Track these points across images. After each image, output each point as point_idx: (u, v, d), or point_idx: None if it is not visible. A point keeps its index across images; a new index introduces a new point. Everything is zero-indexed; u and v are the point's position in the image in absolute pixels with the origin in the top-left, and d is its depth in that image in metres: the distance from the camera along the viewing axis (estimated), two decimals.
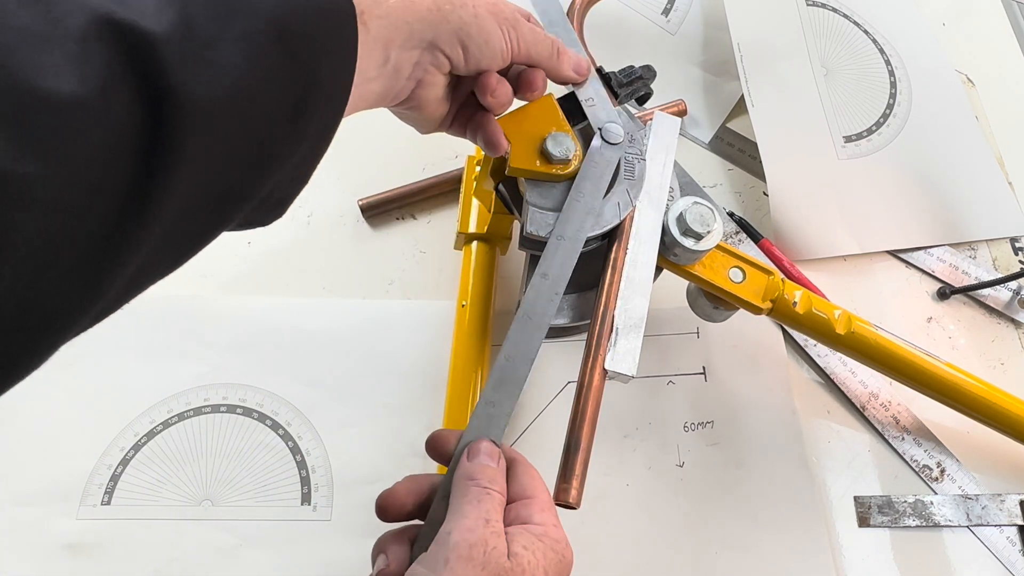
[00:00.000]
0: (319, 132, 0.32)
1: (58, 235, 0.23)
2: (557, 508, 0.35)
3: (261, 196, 0.31)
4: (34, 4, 0.23)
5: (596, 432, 0.39)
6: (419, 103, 0.39)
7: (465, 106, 0.43)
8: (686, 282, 0.49)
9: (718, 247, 0.45)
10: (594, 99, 0.45)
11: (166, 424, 0.50)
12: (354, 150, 0.62)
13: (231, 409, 0.51)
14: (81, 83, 0.23)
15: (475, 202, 0.54)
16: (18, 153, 0.22)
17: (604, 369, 0.39)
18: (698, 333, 0.57)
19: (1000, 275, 0.60)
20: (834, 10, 0.70)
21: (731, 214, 0.61)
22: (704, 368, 0.56)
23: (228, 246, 0.56)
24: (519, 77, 0.43)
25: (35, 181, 0.22)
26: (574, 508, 0.36)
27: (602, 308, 0.41)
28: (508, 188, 0.46)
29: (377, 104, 0.37)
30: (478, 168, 0.54)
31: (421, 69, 0.37)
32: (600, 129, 0.44)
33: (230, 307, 0.55)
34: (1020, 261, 0.63)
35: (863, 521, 0.52)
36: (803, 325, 0.48)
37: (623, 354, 0.40)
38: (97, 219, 0.24)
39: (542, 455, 0.51)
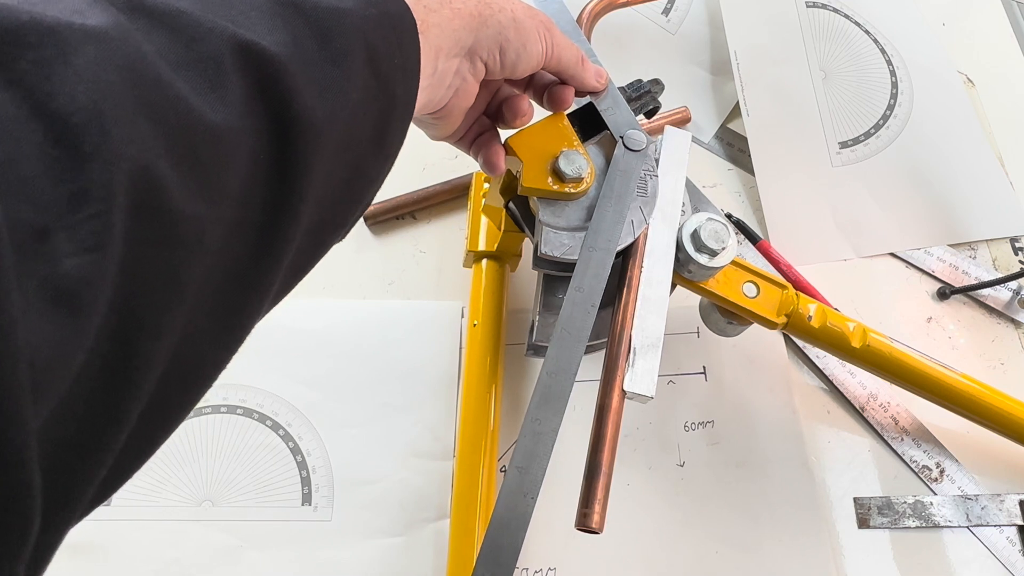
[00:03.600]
0: (395, 152, 0.31)
1: (209, 280, 0.22)
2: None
3: (351, 220, 0.30)
4: (162, 27, 0.22)
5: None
6: (450, 112, 0.38)
7: (477, 122, 0.43)
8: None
9: (731, 262, 0.45)
10: (613, 107, 0.45)
11: None
12: None
13: (231, 410, 0.51)
14: (227, 114, 0.22)
15: (483, 219, 0.53)
16: (192, 192, 0.20)
17: (623, 390, 0.39)
18: (698, 333, 0.57)
19: (1000, 275, 0.60)
20: (835, 10, 0.70)
21: (729, 215, 0.61)
22: (704, 368, 0.56)
23: None
24: (550, 93, 0.43)
25: (203, 222, 0.21)
26: (597, 533, 0.36)
27: (618, 328, 0.41)
28: (519, 206, 0.46)
29: (417, 114, 0.36)
30: (486, 185, 0.54)
31: (460, 77, 0.36)
32: (622, 137, 0.44)
33: None
34: (1020, 261, 0.63)
35: (863, 522, 0.52)
36: (818, 339, 0.48)
37: (641, 375, 0.39)
38: (238, 258, 0.23)
39: None
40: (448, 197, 0.60)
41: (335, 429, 0.52)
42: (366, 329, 0.55)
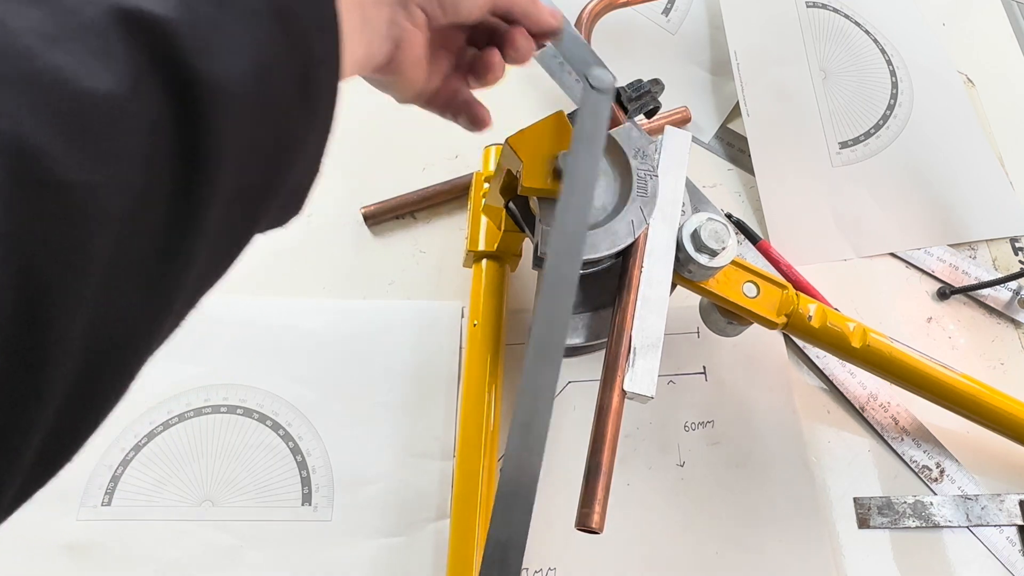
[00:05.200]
0: (326, 109, 0.30)
1: (121, 250, 0.21)
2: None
3: (287, 188, 0.29)
4: (35, 3, 0.21)
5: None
6: (399, 66, 0.37)
7: (449, 80, 0.42)
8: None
9: (731, 262, 0.45)
10: (572, 48, 0.43)
11: (166, 425, 0.50)
12: (354, 151, 0.62)
13: (231, 410, 0.51)
14: (114, 79, 0.21)
15: (483, 219, 0.53)
16: (81, 160, 0.20)
17: (623, 390, 0.39)
18: (698, 333, 0.57)
19: (1000, 275, 0.60)
20: (835, 10, 0.70)
21: (729, 215, 0.61)
22: (704, 368, 0.56)
23: None
24: (505, 40, 0.41)
25: (100, 190, 0.20)
26: (597, 533, 0.36)
27: (618, 328, 0.41)
28: (519, 206, 0.46)
29: (361, 71, 0.36)
30: (486, 185, 0.54)
31: (397, 27, 0.35)
32: (586, 76, 0.41)
33: (230, 307, 0.55)
34: (1020, 261, 0.63)
35: (863, 522, 0.52)
36: (818, 339, 0.48)
37: (641, 375, 0.39)
38: (151, 228, 0.22)
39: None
40: (448, 197, 0.60)
41: (335, 429, 0.52)
42: (366, 329, 0.55)
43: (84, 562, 0.47)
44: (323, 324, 0.55)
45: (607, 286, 0.44)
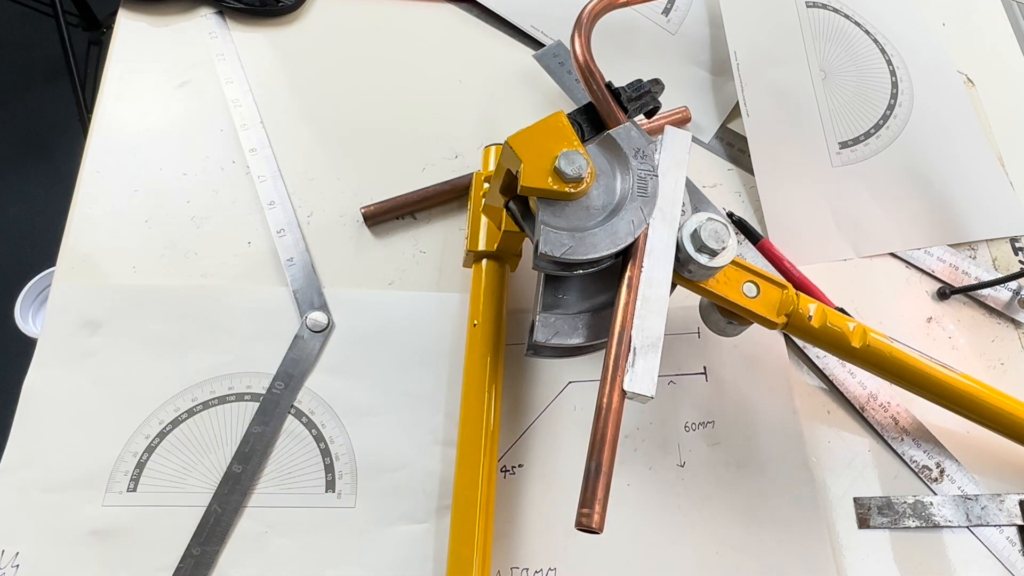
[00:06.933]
0: None
1: None
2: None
3: None
4: None
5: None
6: None
7: None
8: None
9: (731, 261, 0.45)
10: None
11: (191, 412, 0.51)
12: (353, 151, 0.62)
13: (255, 398, 0.52)
14: None
15: (483, 219, 0.53)
16: None
17: (623, 390, 0.39)
18: (699, 333, 0.57)
19: (1000, 275, 0.60)
20: (835, 10, 0.70)
21: (730, 214, 0.61)
22: (705, 368, 0.56)
23: (228, 246, 0.56)
24: None
25: None
26: (597, 533, 0.36)
27: (619, 328, 0.40)
28: (519, 206, 0.46)
29: None
30: (486, 185, 0.54)
31: None
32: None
33: (251, 297, 0.55)
34: (1020, 261, 0.63)
35: (863, 522, 0.52)
36: (818, 339, 0.48)
37: (641, 375, 0.39)
38: None
39: (542, 456, 0.52)
40: (448, 197, 0.60)
41: (358, 417, 0.52)
42: (388, 317, 0.55)
43: (110, 547, 0.47)
44: (346, 312, 0.55)
45: (607, 286, 0.44)
